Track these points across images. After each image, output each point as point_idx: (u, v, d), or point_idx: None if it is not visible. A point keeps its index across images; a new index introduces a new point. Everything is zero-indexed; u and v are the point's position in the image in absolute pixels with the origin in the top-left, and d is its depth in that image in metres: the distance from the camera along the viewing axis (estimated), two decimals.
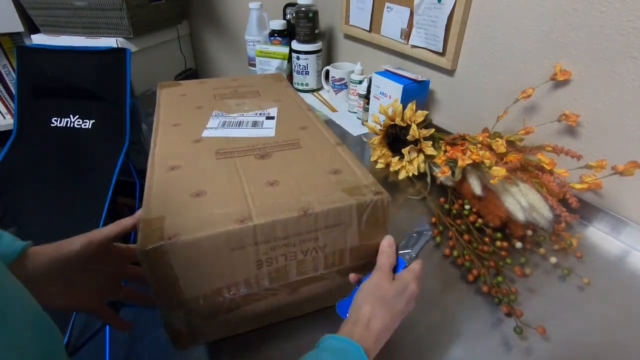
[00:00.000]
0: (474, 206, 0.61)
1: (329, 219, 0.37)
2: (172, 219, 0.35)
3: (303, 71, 1.11)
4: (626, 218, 0.59)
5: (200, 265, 0.35)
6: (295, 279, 0.41)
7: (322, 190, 0.39)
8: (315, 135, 0.51)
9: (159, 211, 0.36)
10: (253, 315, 0.42)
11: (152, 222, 0.35)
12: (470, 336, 0.45)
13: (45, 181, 1.11)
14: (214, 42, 1.69)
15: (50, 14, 1.24)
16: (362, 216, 0.39)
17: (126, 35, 1.24)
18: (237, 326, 0.43)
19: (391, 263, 0.40)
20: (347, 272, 0.42)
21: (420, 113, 0.69)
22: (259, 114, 0.57)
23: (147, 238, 0.33)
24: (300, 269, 0.40)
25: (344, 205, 0.38)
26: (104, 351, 1.09)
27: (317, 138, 0.50)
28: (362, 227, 0.40)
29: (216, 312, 0.39)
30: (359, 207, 0.38)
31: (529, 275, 0.53)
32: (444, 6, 0.77)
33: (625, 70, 0.56)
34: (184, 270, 0.34)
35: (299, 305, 0.44)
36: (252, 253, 0.36)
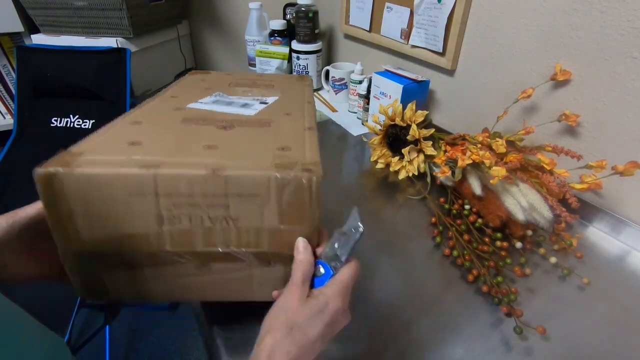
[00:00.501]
0: (474, 206, 0.61)
1: (242, 187, 0.34)
2: (89, 156, 0.34)
3: (303, 71, 1.11)
4: (626, 218, 0.59)
5: (96, 205, 0.33)
6: (203, 249, 0.37)
7: (253, 160, 0.36)
8: (292, 121, 0.48)
9: (84, 148, 0.35)
10: (161, 282, 0.39)
11: (68, 154, 0.34)
12: (470, 336, 0.45)
13: None
14: (214, 42, 1.69)
15: (50, 14, 1.24)
16: (283, 193, 0.34)
17: (126, 35, 1.25)
18: (145, 291, 0.40)
19: (305, 274, 0.34)
20: (268, 259, 0.38)
21: (420, 113, 0.69)
22: (256, 99, 0.56)
23: (49, 164, 0.32)
24: (208, 239, 0.36)
25: (261, 174, 0.34)
26: (104, 351, 1.09)
27: (293, 123, 0.47)
28: (282, 206, 0.35)
29: (116, 265, 0.37)
30: (278, 181, 0.34)
31: (529, 275, 0.53)
32: (444, 6, 0.77)
33: (625, 70, 0.56)
34: (80, 208, 0.33)
35: (214, 287, 0.40)
36: (152, 204, 0.34)
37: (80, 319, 1.25)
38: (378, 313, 0.48)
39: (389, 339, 0.45)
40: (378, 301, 0.50)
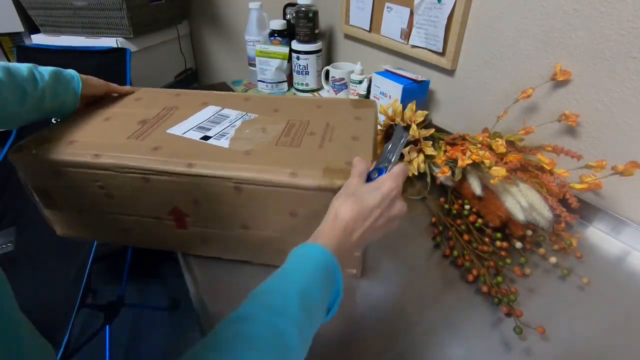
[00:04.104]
0: (474, 206, 0.61)
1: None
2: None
3: (303, 71, 1.11)
4: (626, 218, 0.59)
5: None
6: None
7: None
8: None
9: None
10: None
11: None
12: (470, 336, 0.45)
13: None
14: (214, 42, 1.69)
15: (50, 14, 1.24)
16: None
17: (126, 35, 1.24)
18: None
19: (361, 171, 0.41)
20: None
21: (420, 113, 0.69)
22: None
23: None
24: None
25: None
26: (104, 351, 1.09)
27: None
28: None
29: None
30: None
31: (529, 275, 0.53)
32: (444, 6, 0.77)
33: (625, 70, 0.56)
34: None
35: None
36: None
37: (80, 319, 1.25)
38: (378, 313, 0.48)
39: (389, 339, 0.45)
40: (378, 301, 0.50)
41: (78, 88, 0.58)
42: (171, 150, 0.48)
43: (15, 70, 0.51)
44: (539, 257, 0.56)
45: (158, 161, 0.46)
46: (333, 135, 0.51)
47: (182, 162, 0.46)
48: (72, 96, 0.58)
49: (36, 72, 0.53)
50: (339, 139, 0.50)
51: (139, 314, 1.32)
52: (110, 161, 0.47)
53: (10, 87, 0.50)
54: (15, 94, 0.50)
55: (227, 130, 0.52)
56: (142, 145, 0.50)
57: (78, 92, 0.59)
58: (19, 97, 0.50)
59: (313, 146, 0.48)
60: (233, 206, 0.47)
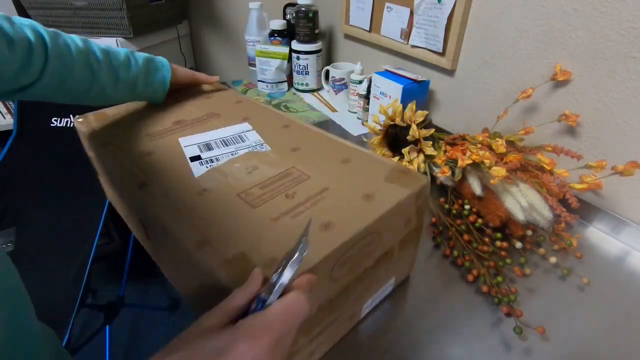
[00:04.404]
0: (474, 206, 0.61)
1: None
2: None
3: (303, 71, 1.11)
4: (626, 218, 0.59)
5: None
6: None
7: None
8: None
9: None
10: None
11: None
12: (470, 336, 0.45)
13: (45, 181, 1.11)
14: (214, 42, 1.69)
15: (50, 14, 1.24)
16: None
17: (126, 35, 1.25)
18: None
19: (240, 298, 0.27)
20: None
21: (420, 113, 0.69)
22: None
23: None
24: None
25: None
26: (104, 351, 1.09)
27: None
28: None
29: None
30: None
31: (529, 275, 0.53)
32: (444, 6, 0.77)
33: (625, 70, 0.56)
34: None
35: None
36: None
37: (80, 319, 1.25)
38: (377, 313, 0.48)
39: (389, 339, 0.45)
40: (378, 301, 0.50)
41: (168, 78, 0.59)
42: (153, 160, 0.47)
43: (113, 54, 0.53)
44: (539, 257, 0.56)
45: (133, 168, 0.46)
46: (312, 209, 0.37)
47: (138, 178, 0.44)
48: (162, 85, 0.59)
49: (132, 57, 0.55)
50: (313, 217, 0.35)
51: (139, 314, 1.32)
52: (115, 151, 0.50)
53: (107, 69, 0.51)
54: (109, 77, 0.52)
55: (222, 157, 0.47)
56: (144, 146, 0.50)
57: (167, 82, 0.59)
58: (112, 80, 0.52)
59: (270, 215, 0.37)
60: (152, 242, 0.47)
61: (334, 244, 0.33)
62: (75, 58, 0.48)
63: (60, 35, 0.48)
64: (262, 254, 0.32)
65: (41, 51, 0.45)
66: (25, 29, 0.44)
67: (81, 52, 0.49)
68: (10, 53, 0.41)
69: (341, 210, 0.37)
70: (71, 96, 0.51)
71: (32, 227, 1.04)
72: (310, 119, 0.97)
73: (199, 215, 0.38)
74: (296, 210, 0.38)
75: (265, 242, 0.34)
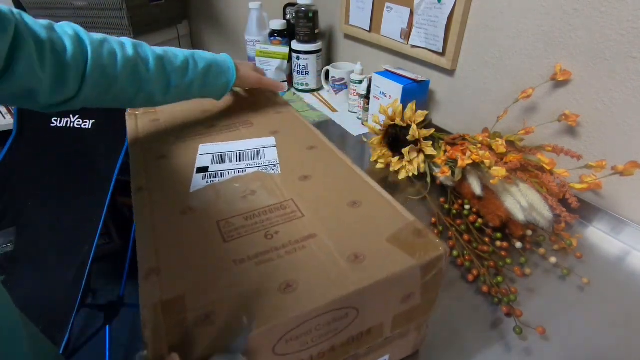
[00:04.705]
0: (474, 206, 0.61)
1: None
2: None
3: (303, 71, 1.11)
4: (626, 218, 0.59)
5: None
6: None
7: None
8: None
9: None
10: None
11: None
12: (470, 336, 0.45)
13: (45, 181, 1.11)
14: (214, 42, 1.69)
15: (50, 14, 1.24)
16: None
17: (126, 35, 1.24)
18: None
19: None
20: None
21: (420, 113, 0.69)
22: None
23: None
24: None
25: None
26: (104, 351, 1.09)
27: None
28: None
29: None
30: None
31: (529, 275, 0.53)
32: (444, 6, 0.77)
33: (625, 70, 0.56)
34: None
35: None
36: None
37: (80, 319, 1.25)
38: None
39: None
40: None
41: (231, 83, 0.56)
42: (162, 165, 0.46)
43: (169, 59, 0.49)
44: (539, 257, 0.56)
45: (141, 169, 0.45)
46: (282, 260, 0.32)
47: (140, 181, 0.43)
48: (221, 90, 0.56)
49: (191, 61, 0.51)
50: (280, 270, 0.31)
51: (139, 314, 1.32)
52: (137, 150, 0.49)
53: (158, 77, 0.48)
54: (160, 84, 0.49)
55: (228, 172, 0.45)
56: (162, 148, 0.49)
57: (229, 86, 0.56)
58: (163, 87, 0.49)
59: (236, 254, 0.33)
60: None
61: (284, 313, 0.27)
62: (121, 68, 0.44)
63: (106, 43, 0.44)
64: (200, 305, 0.28)
65: (78, 68, 0.41)
66: (66, 39, 0.40)
67: (129, 61, 0.45)
68: (42, 72, 0.38)
69: (315, 269, 0.31)
70: (114, 103, 0.48)
71: (32, 227, 1.04)
72: (310, 119, 0.97)
73: (167, 237, 0.35)
74: (266, 256, 0.32)
75: (212, 290, 0.29)
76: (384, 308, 0.33)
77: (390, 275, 0.30)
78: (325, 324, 0.29)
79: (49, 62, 0.38)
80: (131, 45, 0.46)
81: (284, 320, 0.27)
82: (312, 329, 0.29)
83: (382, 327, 0.34)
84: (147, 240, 0.34)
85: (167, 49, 0.50)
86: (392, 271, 0.30)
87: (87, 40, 0.42)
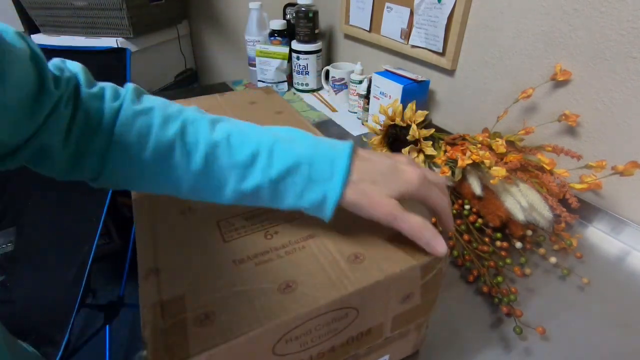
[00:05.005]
0: (474, 206, 0.61)
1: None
2: None
3: (303, 71, 1.11)
4: (626, 218, 0.59)
5: None
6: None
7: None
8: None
9: None
10: None
11: None
12: (470, 336, 0.45)
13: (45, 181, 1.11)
14: (214, 42, 1.69)
15: (50, 14, 1.24)
16: None
17: (126, 35, 1.25)
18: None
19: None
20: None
21: (420, 113, 0.69)
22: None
23: None
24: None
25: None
26: (104, 351, 1.09)
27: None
28: None
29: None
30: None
31: (529, 275, 0.53)
32: (444, 6, 0.77)
33: (625, 70, 0.56)
34: None
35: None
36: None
37: (80, 319, 1.25)
38: None
39: None
40: None
41: (330, 200, 0.31)
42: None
43: (236, 147, 0.31)
44: (539, 257, 0.56)
45: None
46: (282, 260, 0.32)
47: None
48: (314, 207, 0.32)
49: (264, 153, 0.31)
50: (280, 270, 0.31)
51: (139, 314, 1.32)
52: None
53: (204, 175, 0.31)
54: (208, 188, 0.32)
55: None
56: None
57: (326, 206, 0.32)
58: (213, 191, 0.33)
59: (236, 254, 0.33)
60: None
61: (285, 313, 0.27)
62: (152, 153, 0.30)
63: (144, 114, 0.31)
64: (199, 305, 0.28)
65: (98, 144, 0.30)
66: (93, 103, 0.30)
67: (167, 145, 0.30)
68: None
69: (314, 270, 0.30)
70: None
71: (32, 227, 1.04)
72: (310, 119, 0.97)
73: (166, 237, 0.34)
74: (265, 256, 0.32)
75: (211, 290, 0.29)
76: (383, 308, 0.33)
77: (390, 276, 0.30)
78: (324, 324, 0.29)
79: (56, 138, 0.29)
80: (178, 117, 0.31)
81: (284, 320, 0.27)
82: (312, 329, 0.29)
83: (382, 327, 0.34)
84: (146, 241, 0.34)
85: (236, 127, 0.32)
86: (392, 271, 0.30)
87: (126, 100, 0.32)
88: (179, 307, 0.28)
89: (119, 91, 0.32)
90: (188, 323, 0.26)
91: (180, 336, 0.26)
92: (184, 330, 0.26)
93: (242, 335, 0.25)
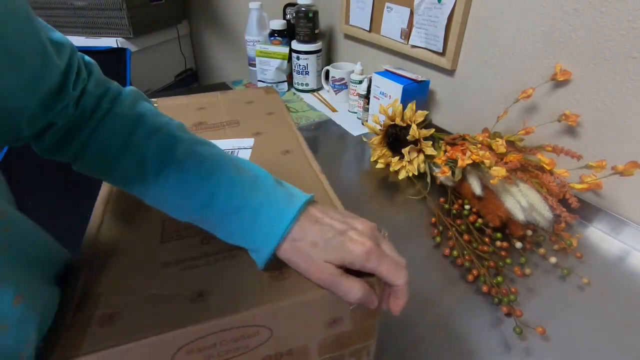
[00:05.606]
0: (474, 206, 0.61)
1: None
2: None
3: (303, 71, 1.11)
4: (626, 218, 0.59)
5: None
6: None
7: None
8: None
9: None
10: None
11: None
12: (470, 336, 0.45)
13: (45, 181, 1.11)
14: (214, 42, 1.69)
15: (50, 14, 1.24)
16: None
17: (126, 35, 1.25)
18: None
19: None
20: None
21: (420, 113, 0.69)
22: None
23: None
24: None
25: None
26: None
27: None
28: None
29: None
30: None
31: (529, 275, 0.53)
32: (444, 6, 0.77)
33: (625, 70, 0.56)
34: None
35: None
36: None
37: None
38: None
39: (389, 339, 0.45)
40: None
41: (263, 250, 0.31)
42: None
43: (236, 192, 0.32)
44: (539, 257, 0.56)
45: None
46: (206, 268, 0.31)
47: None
48: (257, 253, 0.33)
49: (213, 183, 0.32)
50: (199, 278, 0.30)
51: None
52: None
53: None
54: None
55: None
56: None
57: (260, 258, 0.32)
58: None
59: (166, 257, 0.32)
60: None
61: (186, 323, 0.26)
62: (127, 159, 0.32)
63: (133, 120, 0.33)
64: (110, 304, 0.28)
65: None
66: (92, 101, 0.33)
67: (141, 154, 0.32)
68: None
69: (235, 281, 0.29)
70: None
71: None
72: (310, 119, 0.97)
73: (113, 233, 0.34)
74: (194, 261, 0.31)
75: (127, 291, 0.29)
76: (304, 330, 0.31)
77: (311, 299, 0.29)
78: (231, 340, 0.28)
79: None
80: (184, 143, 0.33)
81: (182, 331, 0.26)
82: (217, 343, 0.27)
83: (307, 350, 0.32)
84: (95, 232, 0.35)
85: (202, 148, 0.34)
86: (313, 294, 0.29)
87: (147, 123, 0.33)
88: (91, 304, 0.28)
89: (120, 94, 0.36)
90: (92, 322, 0.26)
91: (80, 334, 0.26)
92: (86, 328, 0.26)
93: (137, 340, 0.25)
